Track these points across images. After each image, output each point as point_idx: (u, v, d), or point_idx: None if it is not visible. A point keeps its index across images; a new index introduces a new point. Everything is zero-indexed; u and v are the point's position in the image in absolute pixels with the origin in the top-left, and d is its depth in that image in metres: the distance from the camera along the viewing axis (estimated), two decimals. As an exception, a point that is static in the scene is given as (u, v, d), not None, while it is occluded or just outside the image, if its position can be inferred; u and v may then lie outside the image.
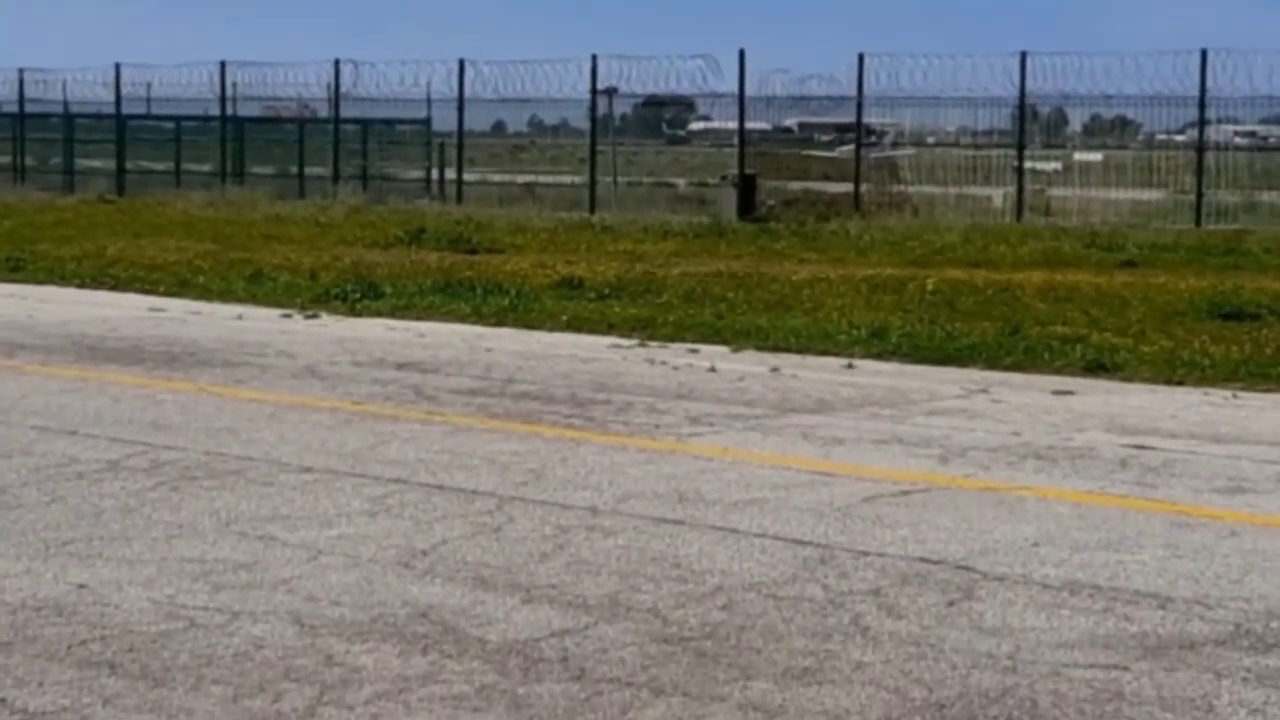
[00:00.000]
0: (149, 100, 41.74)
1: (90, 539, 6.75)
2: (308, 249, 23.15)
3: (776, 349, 13.31)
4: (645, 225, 28.51)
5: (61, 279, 19.18)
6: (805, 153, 33.73)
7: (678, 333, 14.21)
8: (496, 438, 9.18)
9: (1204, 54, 29.28)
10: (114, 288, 18.34)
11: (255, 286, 17.95)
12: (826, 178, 35.23)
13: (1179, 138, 32.90)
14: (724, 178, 33.60)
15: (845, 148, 36.06)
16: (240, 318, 15.53)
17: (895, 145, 36.47)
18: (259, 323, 15.16)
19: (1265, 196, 30.46)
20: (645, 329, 14.43)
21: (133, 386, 11.01)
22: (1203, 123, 30.24)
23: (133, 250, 22.39)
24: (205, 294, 17.56)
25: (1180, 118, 31.76)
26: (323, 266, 19.87)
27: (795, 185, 34.56)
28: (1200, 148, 30.17)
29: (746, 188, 31.93)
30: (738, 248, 24.40)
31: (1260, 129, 33.24)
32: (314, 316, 15.66)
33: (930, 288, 17.53)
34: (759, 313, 15.46)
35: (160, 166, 42.02)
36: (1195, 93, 29.62)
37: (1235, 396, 11.02)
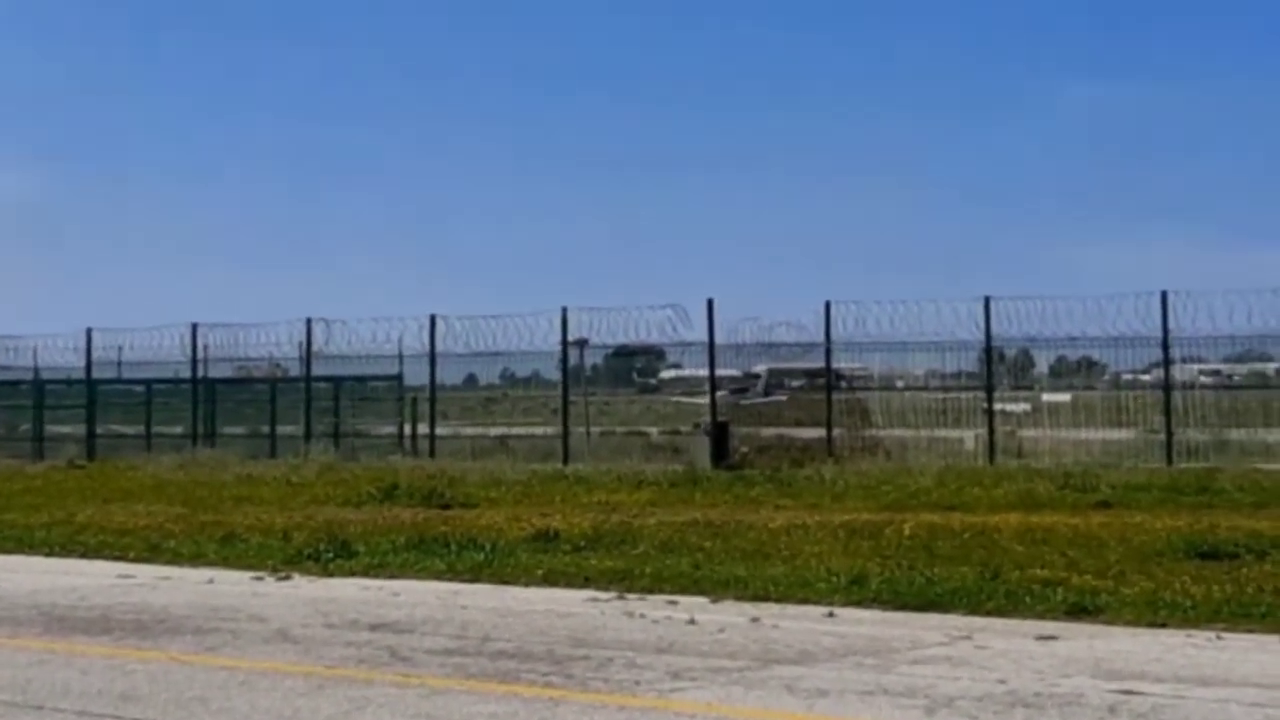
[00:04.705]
0: (120, 364, 41.90)
1: (56, 819, 6.53)
2: (279, 509, 23.01)
3: (756, 598, 13.18)
4: (619, 475, 28.48)
5: (30, 547, 18.95)
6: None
7: (656, 584, 14.07)
8: (474, 699, 8.99)
9: (1164, 295, 29.80)
10: (83, 555, 18.13)
11: (227, 549, 17.78)
12: (798, 423, 35.35)
13: (1145, 377, 33.20)
14: (697, 425, 33.70)
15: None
16: (211, 582, 15.34)
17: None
18: (230, 586, 14.96)
19: (1234, 434, 30.63)
20: (622, 581, 14.29)
21: (101, 657, 10.80)
22: (1167, 362, 30.58)
23: (102, 516, 22.21)
24: (176, 558, 17.37)
25: (1145, 357, 32.09)
26: (295, 526, 19.73)
27: (768, 431, 34.65)
28: (1167, 387, 30.46)
29: (719, 435, 32.02)
30: (713, 496, 24.35)
31: (1224, 367, 33.58)
32: (286, 578, 15.48)
33: (907, 532, 17.46)
34: (737, 562, 15.34)
35: (131, 430, 41.99)
36: (1159, 333, 30.07)
37: (1219, 638, 10.90)
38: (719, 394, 34.50)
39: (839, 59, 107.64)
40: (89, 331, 41.42)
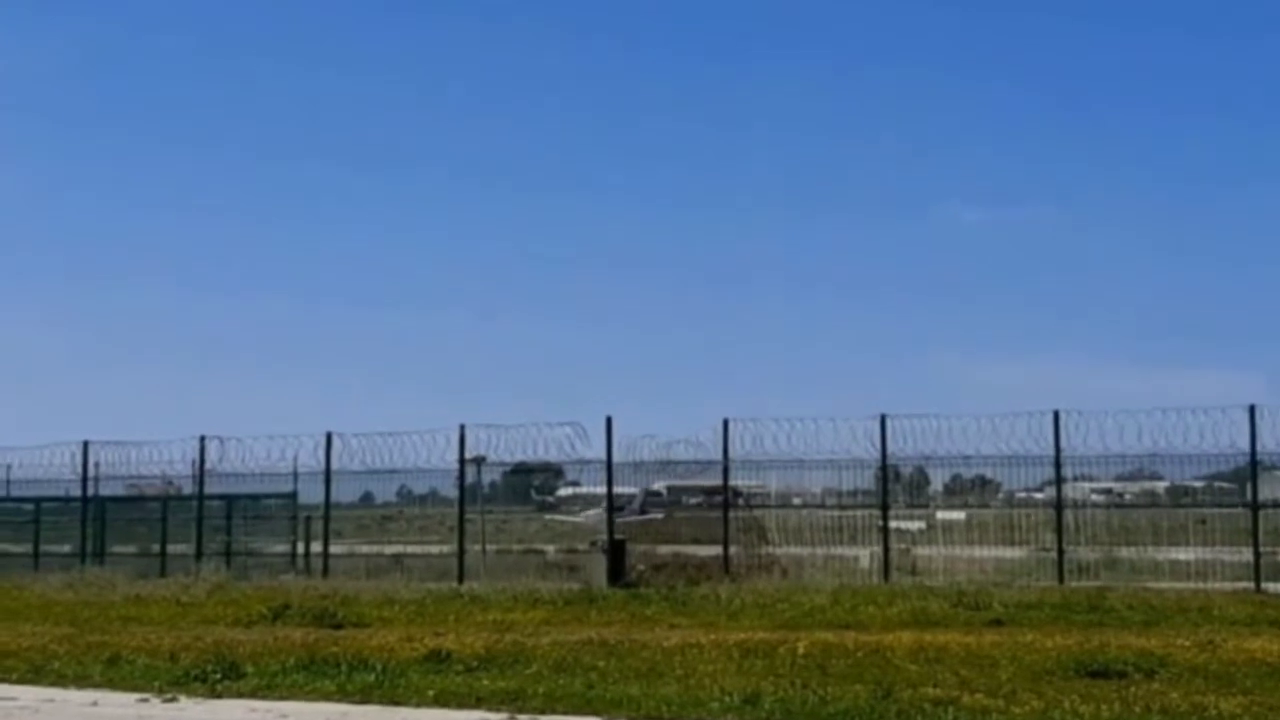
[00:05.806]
0: (8, 482, 41.25)
1: None
2: (168, 629, 22.65)
3: (649, 718, 13.11)
4: (515, 594, 28.30)
5: (-91, 672, 18.50)
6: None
7: (548, 705, 13.97)
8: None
9: (1056, 415, 30.21)
10: (-35, 677, 17.74)
11: (112, 670, 17.45)
12: (696, 541, 35.32)
13: (1038, 495, 33.53)
14: (593, 543, 33.60)
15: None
16: (95, 704, 15.04)
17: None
18: (114, 709, 14.68)
19: (1124, 553, 30.96)
20: (515, 702, 14.17)
21: (-22, 781, 10.55)
22: (1059, 481, 30.93)
23: (-14, 636, 21.75)
24: (60, 680, 17.02)
25: (1038, 476, 32.38)
26: (183, 647, 19.42)
27: (665, 549, 34.58)
28: (1059, 506, 30.79)
29: (616, 553, 31.93)
30: (608, 614, 24.24)
31: (1115, 485, 34.01)
32: (172, 700, 15.21)
33: (801, 651, 17.46)
34: (630, 681, 15.26)
35: (18, 549, 41.21)
36: (1051, 452, 30.41)
37: (1108, 755, 10.96)
38: (601, 512, 34.57)
39: (732, 171, 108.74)
40: (-25, 452, 40.83)
